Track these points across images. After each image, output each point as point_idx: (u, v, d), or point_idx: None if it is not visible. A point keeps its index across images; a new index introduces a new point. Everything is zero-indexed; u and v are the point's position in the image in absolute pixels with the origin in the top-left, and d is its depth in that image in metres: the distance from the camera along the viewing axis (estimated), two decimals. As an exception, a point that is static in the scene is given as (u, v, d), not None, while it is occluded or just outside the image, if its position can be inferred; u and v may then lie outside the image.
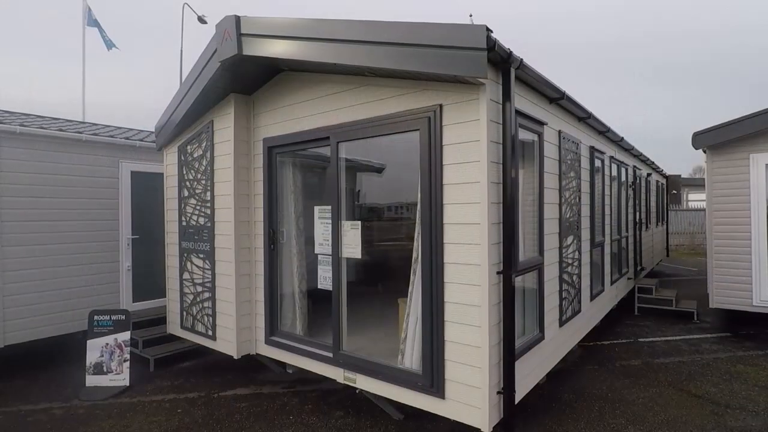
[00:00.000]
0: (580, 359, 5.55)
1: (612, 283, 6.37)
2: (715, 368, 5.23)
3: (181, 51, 15.97)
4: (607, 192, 6.00)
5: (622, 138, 6.39)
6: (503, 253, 3.01)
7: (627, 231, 7.46)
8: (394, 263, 4.77)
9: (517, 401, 3.23)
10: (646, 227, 9.66)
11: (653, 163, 9.93)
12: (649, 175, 9.87)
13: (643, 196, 9.15)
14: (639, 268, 8.56)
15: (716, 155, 6.22)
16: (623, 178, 7.18)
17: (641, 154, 8.24)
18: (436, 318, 3.13)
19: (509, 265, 2.98)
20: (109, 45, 12.93)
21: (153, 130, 7.35)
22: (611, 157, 6.29)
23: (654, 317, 7.60)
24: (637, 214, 8.40)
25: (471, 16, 16.41)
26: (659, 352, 5.83)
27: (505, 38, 2.67)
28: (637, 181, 8.35)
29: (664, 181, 13.33)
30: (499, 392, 3.03)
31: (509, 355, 3.01)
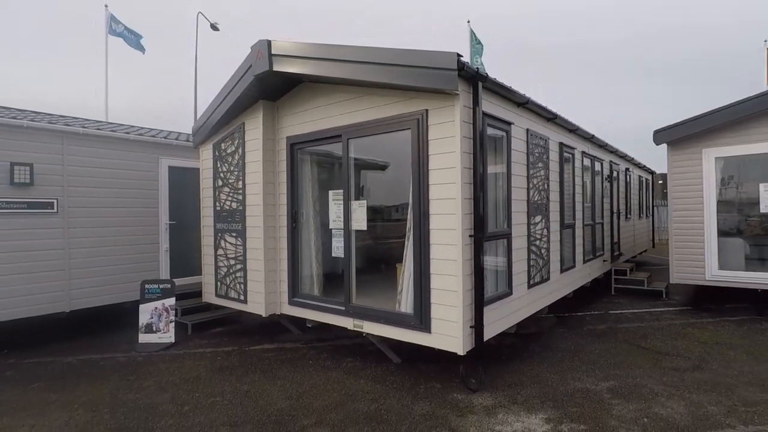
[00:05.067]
0: (553, 325, 6.50)
1: (585, 261, 7.30)
2: (668, 330, 6.16)
3: (196, 57, 17.06)
4: (578, 182, 6.95)
5: (593, 135, 7.32)
6: (474, 220, 3.98)
7: (602, 218, 8.38)
8: (394, 254, 5.64)
9: (486, 339, 4.17)
10: (626, 218, 10.57)
11: (632, 159, 10.82)
12: (627, 169, 10.77)
13: (621, 189, 10.06)
14: (617, 253, 9.47)
15: (675, 150, 7.15)
16: (597, 171, 8.11)
17: (617, 150, 9.15)
18: (424, 271, 4.11)
19: (479, 230, 3.95)
20: (138, 46, 13.95)
21: (172, 130, 8.45)
22: (583, 152, 7.22)
23: (628, 296, 8.53)
24: (614, 204, 9.32)
25: (469, 22, 17.41)
26: (623, 320, 6.77)
27: (507, 35, 3.57)
28: (614, 174, 9.27)
29: (649, 177, 14.20)
30: (471, 326, 3.99)
31: (479, 298, 3.98)
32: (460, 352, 3.89)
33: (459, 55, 3.58)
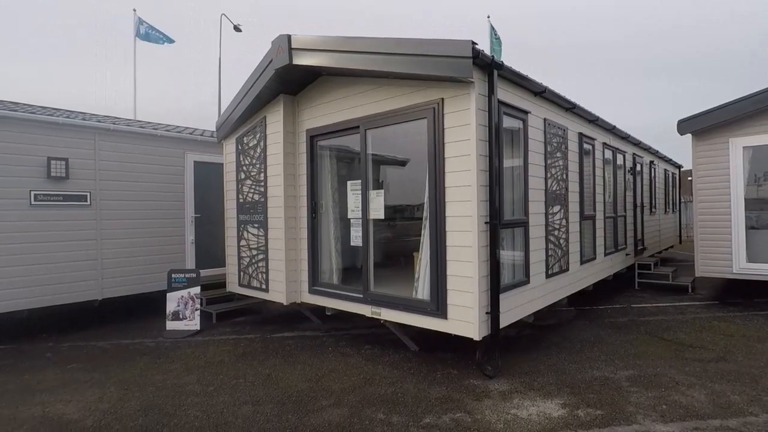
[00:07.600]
0: (573, 317, 6.45)
1: (606, 254, 7.20)
2: (692, 324, 6.03)
3: (220, 58, 17.47)
4: (599, 173, 6.85)
5: (614, 126, 7.21)
6: (489, 207, 4.01)
7: (625, 211, 8.23)
8: (413, 250, 5.68)
9: (503, 326, 4.19)
10: (650, 212, 10.33)
11: (657, 151, 10.55)
12: (652, 162, 10.52)
13: (645, 182, 9.84)
14: (640, 247, 9.28)
15: (700, 140, 6.98)
16: (620, 163, 7.97)
17: (641, 142, 8.96)
18: (441, 258, 4.17)
19: (494, 217, 3.98)
20: (167, 40, 14.54)
21: (194, 127, 8.72)
22: (604, 143, 7.12)
23: (652, 290, 8.36)
24: (638, 197, 9.13)
25: (489, 17, 17.31)
26: (646, 313, 6.66)
27: (507, 35, 3.65)
28: (637, 167, 9.08)
29: (676, 171, 13.81)
30: (487, 312, 4.02)
31: (495, 284, 4.01)
32: (476, 337, 3.93)
33: (474, 43, 3.62)
